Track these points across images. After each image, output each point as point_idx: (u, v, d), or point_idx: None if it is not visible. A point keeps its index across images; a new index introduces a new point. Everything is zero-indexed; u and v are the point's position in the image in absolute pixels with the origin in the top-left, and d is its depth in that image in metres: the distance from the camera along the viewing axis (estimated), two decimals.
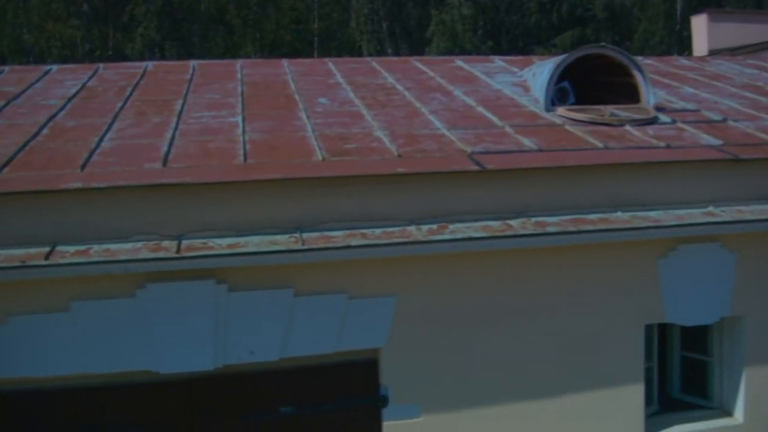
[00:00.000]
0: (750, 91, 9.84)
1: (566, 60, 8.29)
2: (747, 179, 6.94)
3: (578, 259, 6.55)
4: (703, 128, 7.70)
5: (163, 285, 5.75)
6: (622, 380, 6.78)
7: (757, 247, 6.97)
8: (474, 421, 6.48)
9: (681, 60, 12.14)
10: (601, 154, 6.68)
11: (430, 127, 7.30)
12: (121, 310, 5.77)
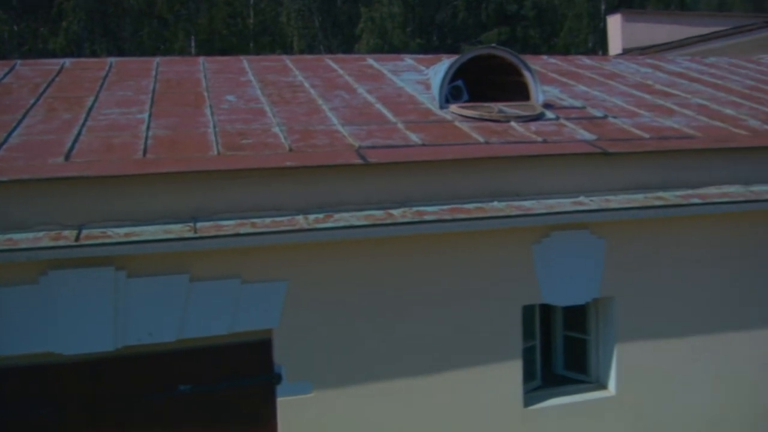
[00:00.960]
0: (639, 89, 10.51)
1: (459, 60, 8.84)
2: (615, 171, 7.56)
3: (458, 246, 7.09)
4: (583, 124, 8.31)
5: (65, 272, 6.13)
6: (502, 357, 7.36)
7: (624, 234, 7.60)
8: (362, 397, 6.99)
9: (584, 59, 12.77)
10: (481, 149, 7.23)
11: (327, 123, 7.77)
12: (25, 295, 6.14)
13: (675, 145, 7.88)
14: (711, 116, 9.13)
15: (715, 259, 8.14)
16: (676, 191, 7.65)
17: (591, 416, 7.77)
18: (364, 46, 25.05)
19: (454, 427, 7.28)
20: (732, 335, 8.25)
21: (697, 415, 8.19)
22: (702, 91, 10.73)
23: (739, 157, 8.12)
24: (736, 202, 7.70)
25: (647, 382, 7.93)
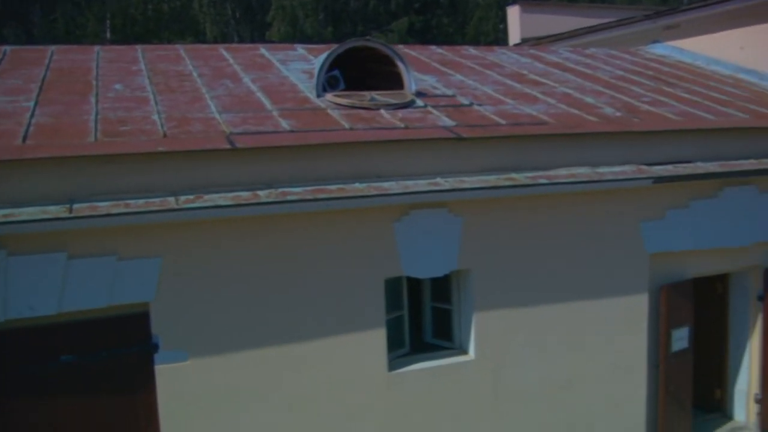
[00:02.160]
0: (512, 78, 11.29)
1: (335, 51, 9.44)
2: (471, 155, 8.28)
3: (324, 225, 7.72)
4: (448, 111, 9.01)
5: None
6: (367, 326, 8.02)
7: (480, 212, 8.34)
8: (237, 364, 7.57)
9: (470, 50, 13.51)
10: (344, 134, 7.86)
11: (205, 111, 8.30)
12: None
13: (527, 130, 8.64)
14: (570, 104, 9.95)
15: (568, 235, 8.94)
16: (527, 173, 8.41)
17: (452, 379, 8.50)
18: (275, 33, 25.41)
19: (324, 390, 7.92)
20: (583, 303, 9.08)
21: (551, 377, 9.01)
22: (571, 80, 11.57)
23: (588, 142, 8.94)
24: (581, 182, 8.50)
25: (504, 347, 8.71)
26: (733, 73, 13.43)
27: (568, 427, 9.20)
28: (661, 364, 9.68)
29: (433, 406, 8.43)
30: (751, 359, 10.91)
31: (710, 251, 9.95)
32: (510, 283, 8.67)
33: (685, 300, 9.79)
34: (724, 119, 10.13)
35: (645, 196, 9.26)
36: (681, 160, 9.47)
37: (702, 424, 11.03)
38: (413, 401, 8.34)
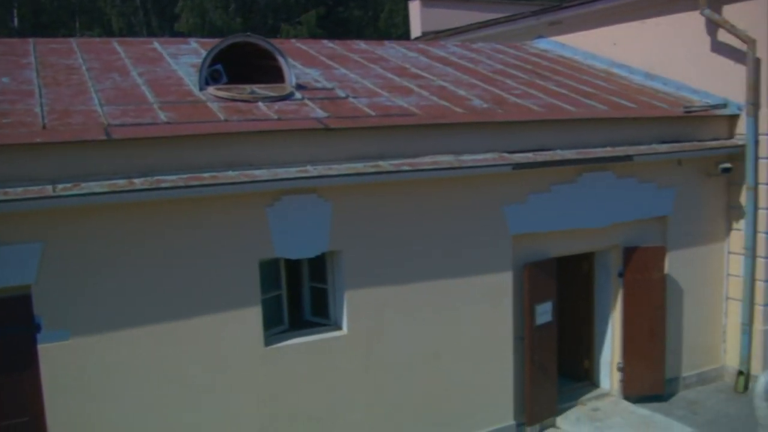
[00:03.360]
0: (394, 72, 11.96)
1: (218, 46, 9.95)
2: (340, 144, 8.91)
3: (200, 210, 8.25)
4: (324, 104, 9.62)
5: None
6: (243, 304, 8.59)
7: (350, 197, 8.99)
8: (118, 341, 8.05)
9: (360, 44, 14.13)
10: (218, 126, 8.39)
11: (89, 104, 8.72)
12: None
13: (394, 121, 9.31)
14: (442, 96, 10.66)
15: (435, 218, 9.66)
16: (393, 160, 9.09)
17: (326, 353, 9.15)
18: (184, 25, 25.55)
19: (202, 365, 8.46)
20: (450, 281, 9.84)
21: (422, 350, 9.74)
22: (450, 74, 12.31)
23: (452, 132, 9.66)
24: (444, 168, 9.23)
25: (376, 322, 9.39)
26: (607, 68, 14.38)
27: (438, 396, 9.93)
28: (526, 337, 10.50)
29: (309, 378, 9.06)
30: (614, 331, 11.86)
31: (571, 232, 10.82)
32: (380, 263, 9.35)
33: (547, 277, 10.62)
34: (585, 110, 10.98)
35: (508, 182, 10.05)
36: (542, 148, 10.28)
37: (571, 393, 11.96)
38: (290, 374, 8.95)
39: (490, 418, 10.43)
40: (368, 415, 9.45)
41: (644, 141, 11.27)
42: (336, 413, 9.25)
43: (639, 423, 10.98)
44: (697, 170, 11.98)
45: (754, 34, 11.68)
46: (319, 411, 9.15)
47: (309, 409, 9.09)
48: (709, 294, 12.53)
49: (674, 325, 12.10)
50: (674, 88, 13.04)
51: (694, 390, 12.50)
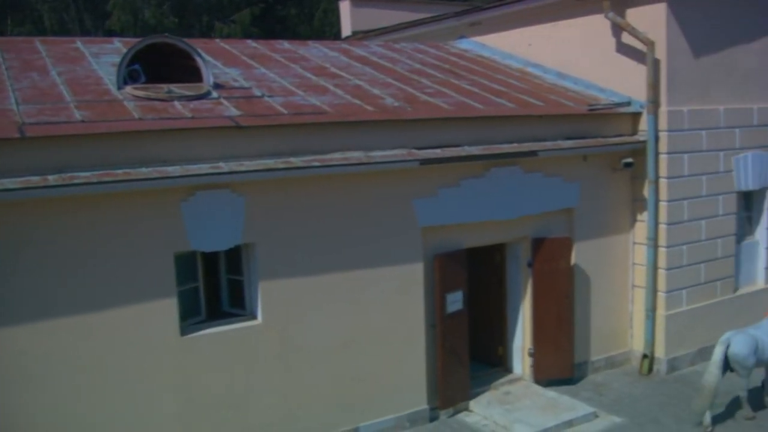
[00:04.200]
0: (313, 71, 12.36)
1: (136, 47, 10.26)
2: (253, 141, 9.29)
3: (116, 206, 8.55)
4: (239, 102, 9.99)
5: None
6: (158, 296, 8.92)
7: (263, 192, 9.38)
8: (35, 333, 8.31)
9: (284, 44, 14.49)
10: (132, 124, 8.71)
11: (5, 103, 8.94)
12: None
13: (306, 119, 9.73)
14: (356, 95, 11.11)
15: (348, 211, 10.10)
16: (304, 156, 9.50)
17: (241, 342, 9.53)
18: (115, 23, 25.55)
19: (122, 355, 8.77)
20: (363, 271, 10.29)
21: (336, 338, 10.18)
22: (368, 73, 12.76)
23: (362, 129, 10.11)
24: (353, 164, 9.69)
25: (290, 312, 9.80)
26: (522, 67, 14.98)
27: (352, 382, 10.38)
28: (437, 324, 11.00)
29: (225, 366, 9.44)
30: (525, 319, 12.46)
31: (481, 224, 11.37)
32: (294, 255, 9.77)
33: (458, 267, 11.14)
34: (493, 108, 11.53)
35: (417, 177, 10.54)
36: (451, 145, 10.80)
37: (485, 378, 12.53)
38: (206, 362, 9.31)
39: (404, 403, 10.91)
40: (283, 401, 9.86)
41: (550, 137, 11.87)
42: (251, 399, 9.63)
43: (546, 404, 11.58)
44: (602, 165, 12.64)
45: (654, 36, 12.38)
46: (236, 397, 9.52)
47: (225, 395, 9.46)
48: (616, 282, 13.21)
49: (582, 312, 12.75)
50: (583, 87, 13.69)
51: (603, 373, 13.18)
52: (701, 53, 12.94)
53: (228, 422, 9.50)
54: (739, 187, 13.76)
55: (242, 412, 9.59)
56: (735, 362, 10.68)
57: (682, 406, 11.67)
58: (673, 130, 12.61)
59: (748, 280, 14.53)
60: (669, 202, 12.70)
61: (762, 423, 11.11)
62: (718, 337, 13.14)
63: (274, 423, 9.84)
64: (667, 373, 13.05)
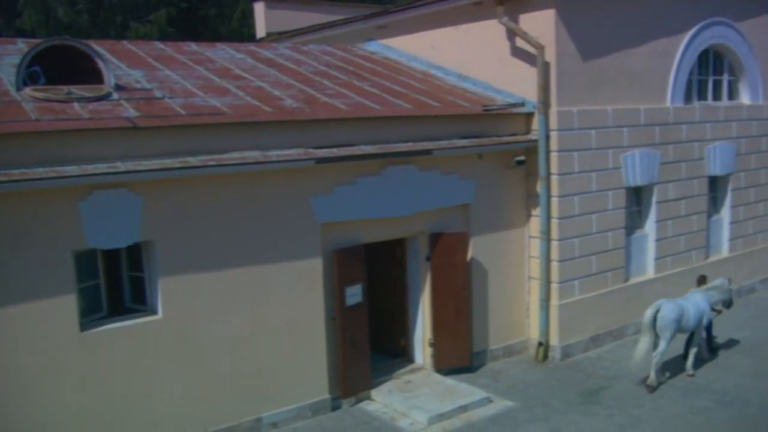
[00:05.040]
0: (217, 73, 12.67)
1: (35, 48, 10.43)
2: (151, 141, 9.58)
3: (13, 205, 8.75)
4: (139, 104, 10.25)
5: None
6: (57, 293, 9.14)
7: (162, 190, 9.68)
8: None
9: (191, 45, 14.74)
10: (28, 125, 8.92)
11: None
12: None
13: (203, 120, 10.06)
14: (257, 97, 11.47)
15: (248, 209, 10.47)
16: (202, 156, 9.84)
17: (140, 336, 9.81)
18: (26, 22, 25.19)
19: (25, 351, 8.96)
20: (263, 267, 10.66)
21: (237, 331, 10.54)
22: (272, 75, 13.13)
23: (260, 129, 10.50)
24: (249, 163, 10.07)
25: (191, 307, 10.12)
26: (426, 69, 15.55)
27: (255, 374, 10.75)
28: (337, 317, 11.45)
29: (126, 360, 9.70)
30: (425, 311, 13.00)
31: (379, 220, 11.87)
32: (195, 252, 10.09)
33: (357, 262, 11.61)
34: (389, 109, 12.04)
35: (315, 175, 10.97)
36: (347, 144, 11.25)
37: (388, 368, 13.05)
38: (107, 357, 9.57)
39: (306, 393, 11.34)
40: (186, 394, 10.17)
41: (446, 137, 12.45)
42: (154, 392, 9.93)
43: (444, 391, 12.14)
44: (497, 163, 13.28)
45: (544, 41, 13.08)
46: (138, 391, 9.81)
47: (127, 389, 9.73)
48: (513, 274, 13.88)
49: (481, 303, 13.37)
50: (482, 88, 14.32)
51: (501, 361, 13.83)
52: (590, 57, 13.69)
53: (131, 416, 9.78)
54: (628, 183, 14.58)
55: (145, 405, 9.88)
56: (661, 325, 12.04)
57: (572, 390, 12.40)
58: (563, 129, 13.32)
59: (639, 270, 15.38)
60: (560, 198, 13.41)
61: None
62: (611, 324, 14.15)
63: (177, 415, 10.15)
64: (561, 359, 13.76)
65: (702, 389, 12.33)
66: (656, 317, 12.06)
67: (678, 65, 15.39)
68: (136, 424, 9.84)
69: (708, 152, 16.30)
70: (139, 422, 9.86)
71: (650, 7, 14.71)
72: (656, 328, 12.06)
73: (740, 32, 16.91)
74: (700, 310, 12.72)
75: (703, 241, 16.64)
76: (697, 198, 16.26)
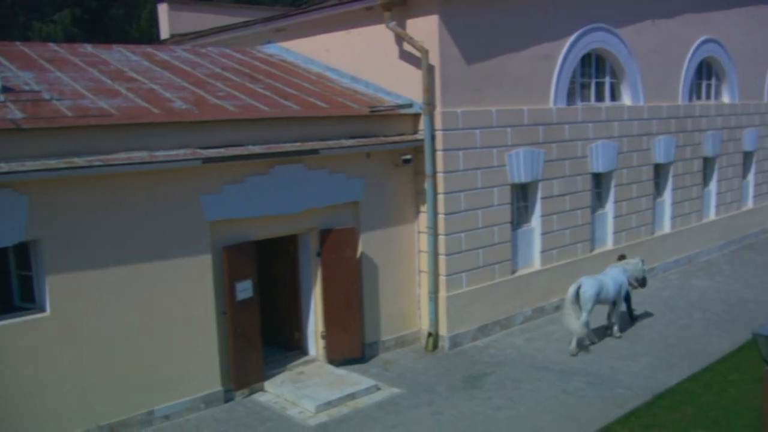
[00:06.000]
0: (109, 75, 12.92)
1: None
2: (36, 142, 9.82)
3: None
4: (25, 105, 10.44)
5: None
6: None
7: (50, 190, 9.91)
8: None
9: (87, 47, 14.90)
10: None
11: None
12: None
13: (89, 121, 10.33)
14: (147, 99, 11.78)
15: (138, 207, 10.78)
16: (88, 157, 10.12)
17: (28, 333, 10.02)
18: None
19: None
20: (153, 264, 10.99)
21: (129, 327, 10.84)
22: (165, 77, 13.43)
23: (148, 131, 10.82)
24: (135, 163, 10.39)
25: (80, 304, 10.37)
26: (321, 71, 16.06)
27: (146, 368, 11.07)
28: (228, 311, 11.85)
29: (15, 357, 9.92)
30: (317, 305, 13.50)
31: (268, 218, 12.32)
32: (83, 250, 10.35)
33: (247, 258, 12.03)
34: (278, 110, 12.49)
35: (203, 175, 11.35)
36: (235, 144, 11.66)
37: (283, 360, 13.50)
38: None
39: (199, 385, 11.70)
40: (76, 389, 10.42)
41: (334, 137, 12.97)
42: (44, 389, 10.16)
43: (334, 381, 12.66)
44: (386, 162, 13.87)
45: (428, 45, 13.72)
46: (27, 388, 10.01)
47: (16, 386, 9.93)
48: (404, 268, 14.50)
49: (372, 297, 13.94)
50: (373, 90, 14.90)
51: (393, 352, 14.43)
52: (474, 60, 14.40)
53: (20, 413, 9.98)
54: (513, 180, 15.36)
55: (36, 401, 10.09)
56: (583, 299, 13.84)
57: (457, 377, 13.08)
58: (447, 129, 13.99)
59: (526, 262, 16.20)
60: (446, 194, 14.08)
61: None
62: (499, 314, 14.92)
63: (67, 411, 10.38)
64: (450, 348, 14.44)
65: (578, 372, 13.16)
66: (578, 292, 13.80)
67: (560, 68, 16.25)
68: (26, 420, 10.05)
69: (591, 150, 17.24)
70: (29, 419, 10.08)
71: (533, 13, 15.53)
72: (579, 302, 13.81)
73: (620, 37, 17.91)
74: (618, 283, 14.69)
75: (588, 235, 17.56)
76: (582, 194, 17.17)
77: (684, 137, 20.67)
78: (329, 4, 15.64)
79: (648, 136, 19.20)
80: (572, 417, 11.41)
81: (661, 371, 13.16)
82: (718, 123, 22.24)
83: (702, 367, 13.34)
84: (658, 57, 19.34)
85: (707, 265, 21.44)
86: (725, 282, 19.51)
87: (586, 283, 13.98)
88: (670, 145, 19.99)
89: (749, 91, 23.79)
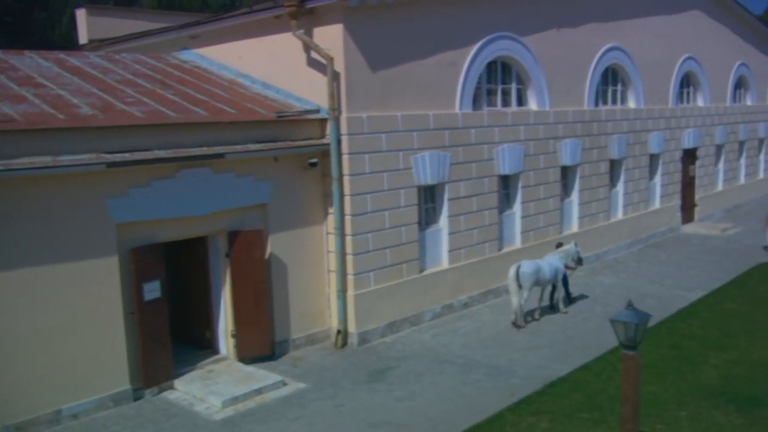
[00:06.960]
0: (17, 81, 13.12)
1: None
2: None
3: None
4: None
5: None
6: None
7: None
8: None
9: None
10: None
11: None
12: None
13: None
14: (53, 104, 12.04)
15: (44, 211, 11.03)
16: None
17: None
18: None
19: None
20: (59, 266, 11.26)
21: (30, 328, 11.07)
22: (75, 83, 13.69)
23: (52, 136, 11.10)
24: (37, 168, 10.65)
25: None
26: (233, 77, 16.46)
27: (53, 368, 11.28)
28: (136, 311, 12.18)
29: None
30: (227, 304, 13.91)
31: (175, 220, 12.69)
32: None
33: (155, 259, 12.37)
34: (185, 116, 12.86)
35: (109, 178, 11.67)
36: (141, 149, 12.01)
37: (194, 359, 13.86)
38: None
39: (108, 384, 11.99)
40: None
41: (242, 141, 13.41)
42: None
43: (243, 377, 13.08)
44: (294, 165, 14.36)
45: (333, 53, 14.25)
46: None
47: None
48: (313, 268, 14.99)
49: (282, 296, 14.41)
50: (284, 96, 15.37)
51: (303, 349, 14.91)
52: (379, 67, 14.98)
53: None
54: (419, 182, 15.99)
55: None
56: (523, 278, 15.71)
57: (362, 372, 13.62)
58: (353, 133, 14.54)
59: (434, 261, 16.85)
60: (352, 196, 14.62)
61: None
62: (407, 312, 15.51)
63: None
64: (359, 345, 14.98)
65: (478, 365, 13.83)
66: (518, 273, 15.62)
67: (465, 75, 16.96)
68: None
69: (497, 153, 17.99)
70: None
71: (438, 22, 16.18)
72: (519, 280, 15.62)
73: (525, 45, 18.71)
74: (554, 267, 16.64)
75: (495, 234, 18.31)
76: (488, 195, 17.90)
77: (590, 140, 21.60)
78: (241, 12, 16.10)
79: (554, 140, 20.04)
80: (467, 406, 12.03)
81: (557, 362, 13.91)
82: (624, 127, 23.25)
83: (595, 356, 14.10)
84: (563, 64, 20.21)
85: (614, 263, 22.43)
86: (629, 278, 20.49)
87: (525, 263, 15.97)
88: (576, 148, 20.88)
89: (654, 96, 24.93)
